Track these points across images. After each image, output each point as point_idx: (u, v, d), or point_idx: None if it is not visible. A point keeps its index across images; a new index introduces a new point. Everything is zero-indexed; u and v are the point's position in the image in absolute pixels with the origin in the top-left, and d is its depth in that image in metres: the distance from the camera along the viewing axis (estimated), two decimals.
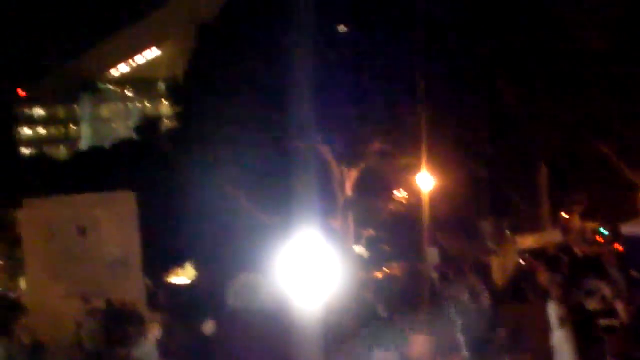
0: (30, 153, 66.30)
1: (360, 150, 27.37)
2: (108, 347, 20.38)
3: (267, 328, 7.57)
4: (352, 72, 25.29)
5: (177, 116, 33.61)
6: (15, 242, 39.58)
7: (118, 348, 19.79)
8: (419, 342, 8.26)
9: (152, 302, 25.59)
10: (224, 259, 26.41)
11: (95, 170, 37.98)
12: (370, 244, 30.87)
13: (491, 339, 17.04)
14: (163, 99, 77.39)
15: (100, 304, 24.46)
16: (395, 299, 23.42)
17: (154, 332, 15.74)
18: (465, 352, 17.77)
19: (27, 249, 30.45)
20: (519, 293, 20.70)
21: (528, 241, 28.09)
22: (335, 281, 9.99)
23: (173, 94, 35.37)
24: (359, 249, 29.89)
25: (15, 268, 47.56)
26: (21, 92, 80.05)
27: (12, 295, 44.24)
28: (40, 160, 54.00)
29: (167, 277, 32.42)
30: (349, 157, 27.13)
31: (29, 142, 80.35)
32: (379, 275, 27.23)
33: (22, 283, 43.43)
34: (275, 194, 21.69)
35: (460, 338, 18.38)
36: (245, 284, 8.36)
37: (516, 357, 15.43)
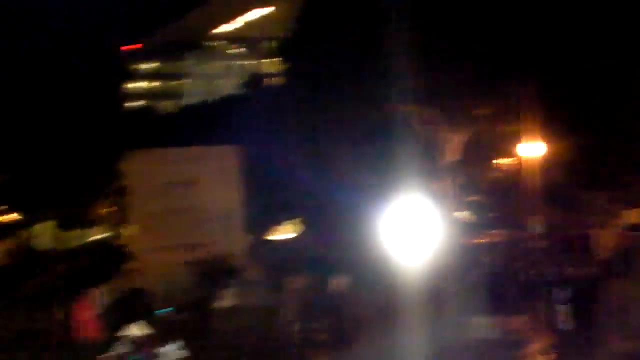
0: (138, 106, 67.94)
1: (465, 115, 26.87)
2: (205, 297, 20.90)
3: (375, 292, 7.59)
4: (457, 36, 24.75)
5: (285, 73, 33.78)
6: (123, 192, 41.05)
7: (214, 298, 20.33)
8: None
9: (253, 256, 26.04)
10: (328, 217, 26.59)
11: (201, 124, 38.61)
12: (474, 210, 30.34)
13: (593, 313, 16.64)
14: (268, 57, 77.96)
15: (201, 255, 25.16)
16: (495, 267, 23.18)
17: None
18: (566, 325, 17.39)
19: (134, 199, 31.52)
20: (623, 268, 20.11)
21: (635, 215, 27.22)
22: (438, 243, 9.92)
23: (282, 51, 35.50)
24: (463, 214, 29.44)
25: (122, 217, 49.35)
26: (130, 47, 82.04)
27: (117, 242, 46.06)
28: (148, 113, 55.35)
29: (269, 233, 32.87)
30: (454, 122, 26.69)
31: (137, 95, 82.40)
32: (481, 241, 26.92)
33: (128, 231, 45.06)
34: (381, 156, 21.59)
35: (562, 310, 17.98)
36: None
37: (619, 332, 15.01)
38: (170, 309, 18.87)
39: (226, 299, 20.45)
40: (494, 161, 31.22)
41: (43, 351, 17.14)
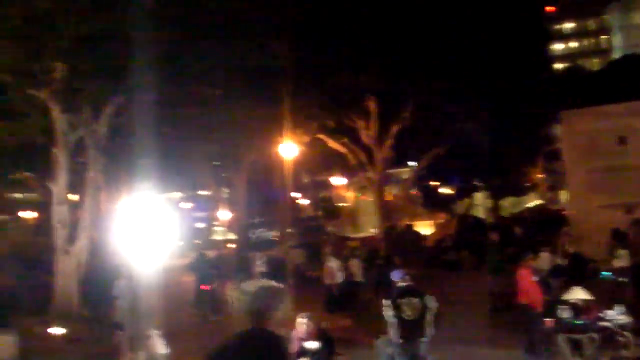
0: (563, 67, 66.58)
1: None
2: None
3: None
4: None
5: None
6: (555, 155, 40.54)
7: None
8: None
9: None
10: None
11: (631, 79, 36.39)
12: None
13: None
14: None
15: None
16: None
17: None
18: None
19: (568, 162, 30.92)
20: None
21: None
22: None
23: None
24: None
25: (556, 182, 48.84)
26: (549, 9, 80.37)
27: (552, 207, 45.71)
28: (574, 73, 53.85)
29: None
30: None
31: (561, 56, 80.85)
32: None
33: (564, 195, 44.44)
34: None
35: None
36: None
37: None
38: (609, 273, 17.98)
39: None
40: None
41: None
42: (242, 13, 21.24)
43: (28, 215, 47.62)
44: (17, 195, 47.80)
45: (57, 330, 16.65)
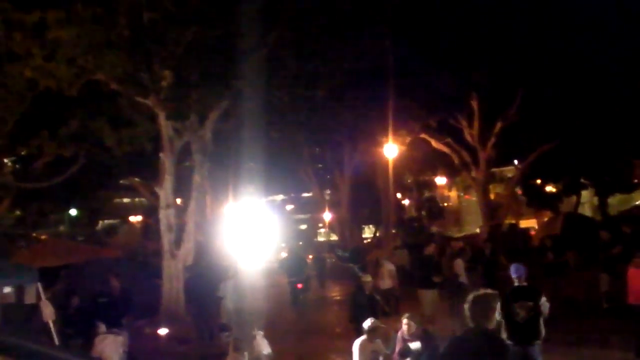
0: None
1: None
2: None
3: None
4: None
5: None
6: None
7: None
8: None
9: None
10: None
11: None
12: None
13: None
14: None
15: None
16: None
17: None
18: None
19: None
20: None
21: None
22: None
23: None
24: None
25: None
26: None
27: None
28: None
29: None
30: None
31: None
32: None
33: None
34: None
35: None
36: None
37: None
38: None
39: None
40: None
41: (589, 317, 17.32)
42: (346, 15, 21.29)
43: (137, 219, 49.38)
44: (126, 200, 49.56)
45: (164, 331, 17.13)
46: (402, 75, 26.68)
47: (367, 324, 10.64)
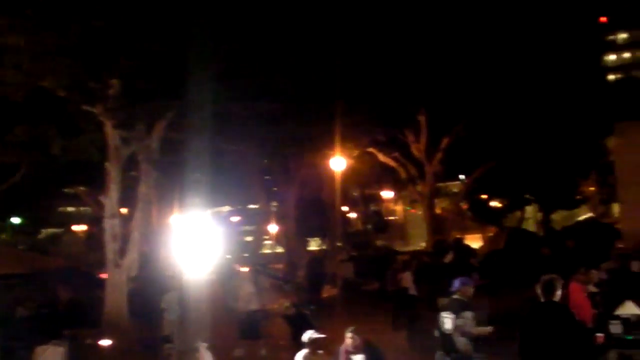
0: (616, 78, 65.39)
1: None
2: None
3: None
4: None
5: None
6: (608, 168, 39.74)
7: None
8: None
9: None
10: None
11: None
12: None
13: None
14: None
15: None
16: None
17: None
18: None
19: (621, 174, 30.37)
20: None
21: None
22: None
23: None
24: None
25: (609, 194, 47.87)
26: (602, 19, 79.13)
27: (604, 221, 44.78)
28: (627, 84, 52.84)
29: None
30: None
31: (614, 67, 79.35)
32: None
33: (615, 209, 43.55)
34: None
35: None
36: None
37: None
38: None
39: None
40: None
41: None
42: (294, 32, 21.45)
43: (80, 228, 48.65)
44: (70, 209, 48.79)
45: (107, 342, 16.91)
46: (350, 89, 26.92)
47: (306, 336, 10.42)
